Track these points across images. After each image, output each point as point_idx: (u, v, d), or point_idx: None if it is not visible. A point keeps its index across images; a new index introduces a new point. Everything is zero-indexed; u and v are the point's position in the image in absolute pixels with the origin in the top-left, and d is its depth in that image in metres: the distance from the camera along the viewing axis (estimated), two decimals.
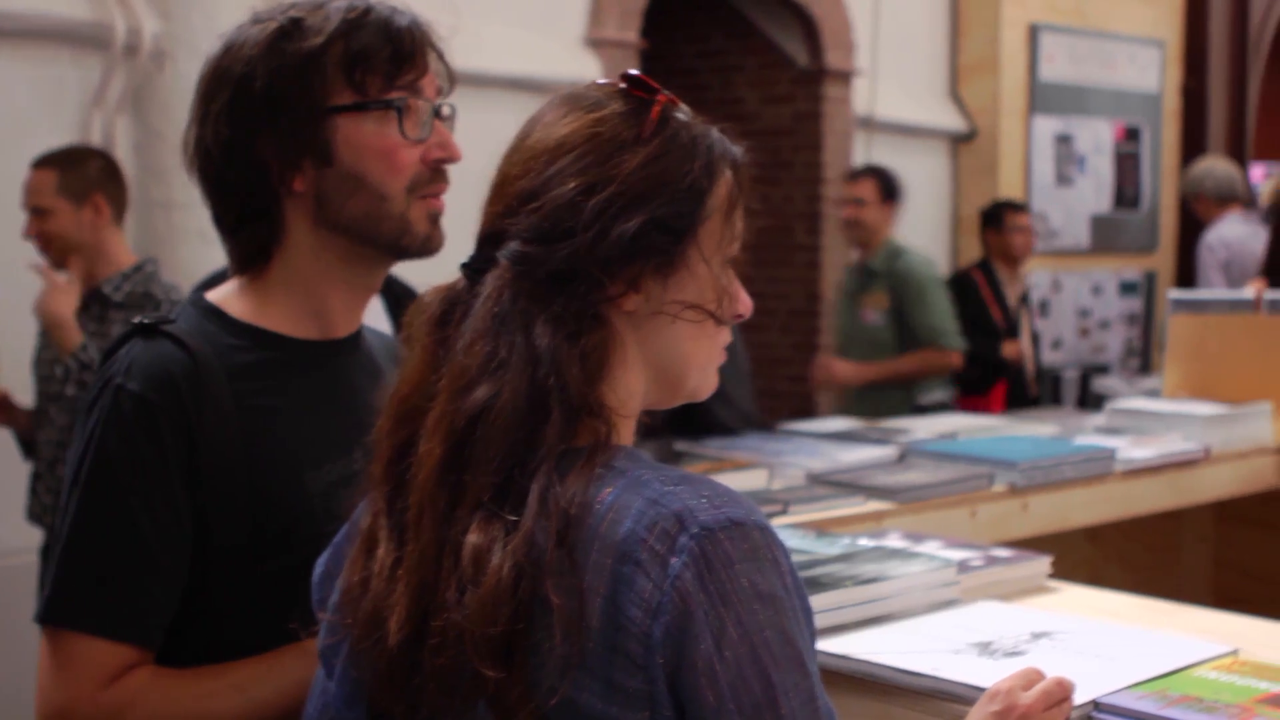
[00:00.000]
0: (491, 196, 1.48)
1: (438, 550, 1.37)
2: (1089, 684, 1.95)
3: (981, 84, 8.00)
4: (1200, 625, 2.39)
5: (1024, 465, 3.45)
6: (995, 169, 7.92)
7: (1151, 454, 3.80)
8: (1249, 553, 4.75)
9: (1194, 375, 4.47)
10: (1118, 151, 8.55)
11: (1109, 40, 8.52)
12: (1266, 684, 1.95)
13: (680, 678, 1.31)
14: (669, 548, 1.32)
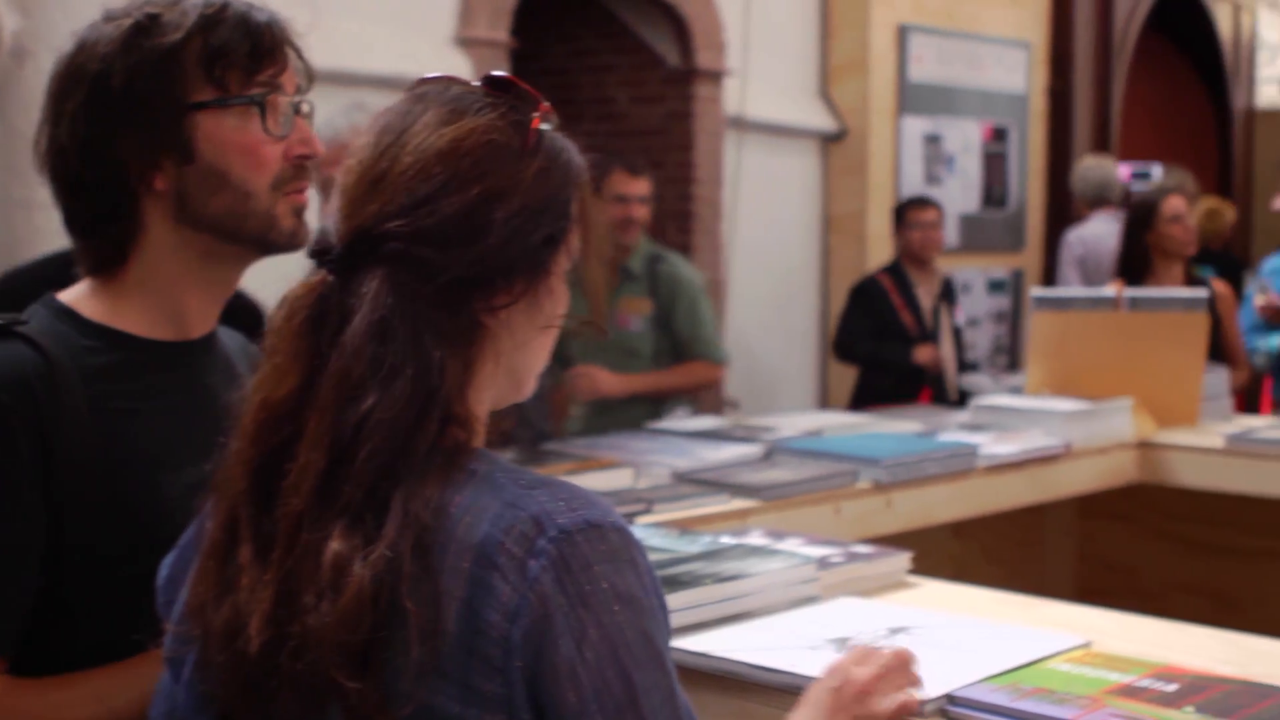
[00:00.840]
0: (363, 193, 1.44)
1: (306, 559, 1.36)
2: (944, 677, 1.97)
3: (851, 84, 8.05)
4: (1056, 618, 2.42)
5: (888, 462, 3.48)
6: (865, 169, 7.97)
7: (1014, 450, 3.85)
8: (1110, 546, 4.83)
9: (1056, 372, 4.54)
10: (985, 151, 8.64)
11: (977, 42, 8.61)
12: (1117, 675, 1.98)
13: (540, 681, 1.31)
14: (527, 551, 1.32)
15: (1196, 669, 2.03)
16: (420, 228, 1.41)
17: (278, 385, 1.41)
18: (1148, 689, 1.92)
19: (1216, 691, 1.92)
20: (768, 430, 3.93)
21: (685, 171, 7.33)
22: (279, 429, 1.40)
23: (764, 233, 7.72)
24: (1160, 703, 1.86)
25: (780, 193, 7.85)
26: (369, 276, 1.41)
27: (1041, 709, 1.85)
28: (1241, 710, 1.85)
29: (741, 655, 2.07)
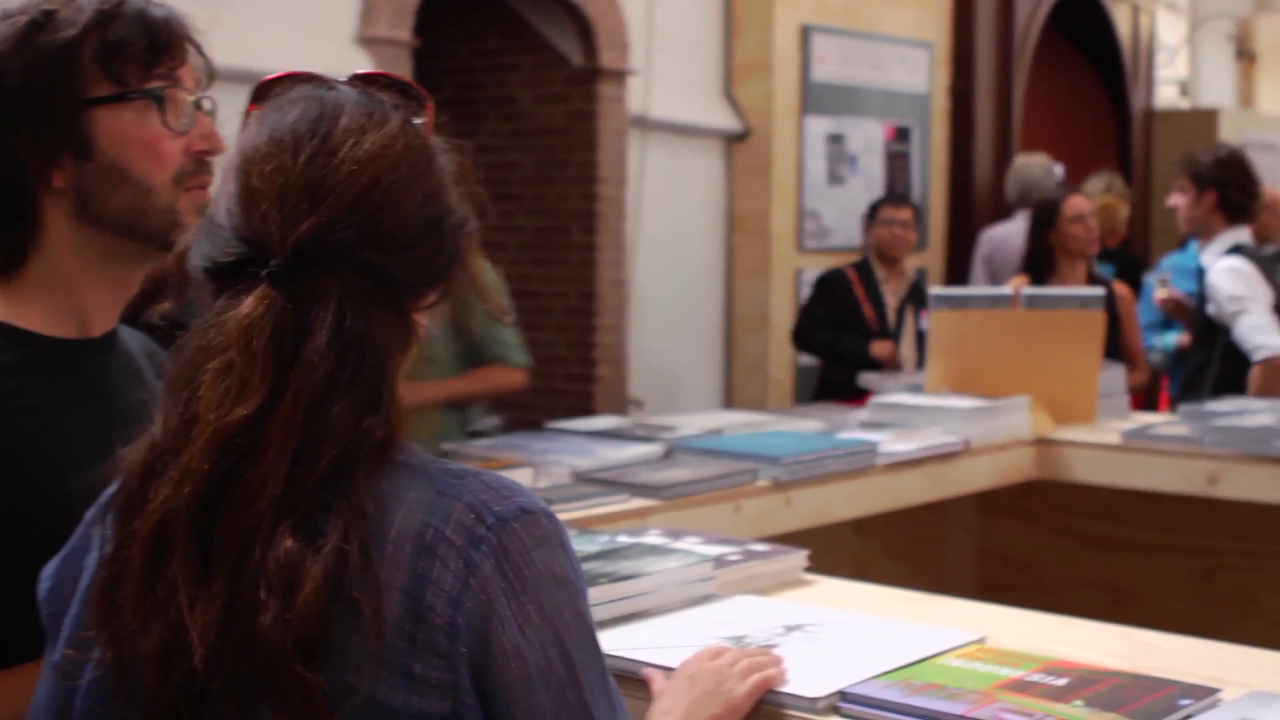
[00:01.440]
0: (299, 202, 1.41)
1: (260, 563, 1.35)
2: (837, 674, 1.98)
3: (755, 84, 8.08)
4: (951, 615, 2.44)
5: (787, 460, 3.49)
6: (769, 168, 8.00)
7: (912, 447, 3.88)
8: (1010, 542, 4.88)
9: (955, 370, 4.57)
10: (888, 151, 8.70)
11: (879, 42, 8.66)
12: (1008, 670, 2.00)
13: (485, 664, 1.35)
14: (466, 539, 1.36)
15: (1087, 663, 2.05)
16: (369, 235, 1.41)
17: (240, 403, 1.38)
18: (1038, 683, 1.94)
19: (1106, 685, 1.93)
20: (668, 429, 3.93)
21: (589, 171, 7.34)
22: (237, 444, 1.38)
23: (668, 232, 7.74)
24: (1050, 697, 1.88)
25: (684, 192, 7.87)
26: (322, 286, 1.40)
27: (932, 704, 1.86)
28: (1130, 703, 1.87)
29: (637, 654, 2.07)
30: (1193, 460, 4.11)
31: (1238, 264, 5.49)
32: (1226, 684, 1.98)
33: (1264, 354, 5.32)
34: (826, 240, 8.29)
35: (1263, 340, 5.33)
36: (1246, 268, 5.48)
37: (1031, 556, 4.85)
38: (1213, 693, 1.93)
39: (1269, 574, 4.52)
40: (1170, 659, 2.16)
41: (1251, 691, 1.95)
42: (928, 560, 4.80)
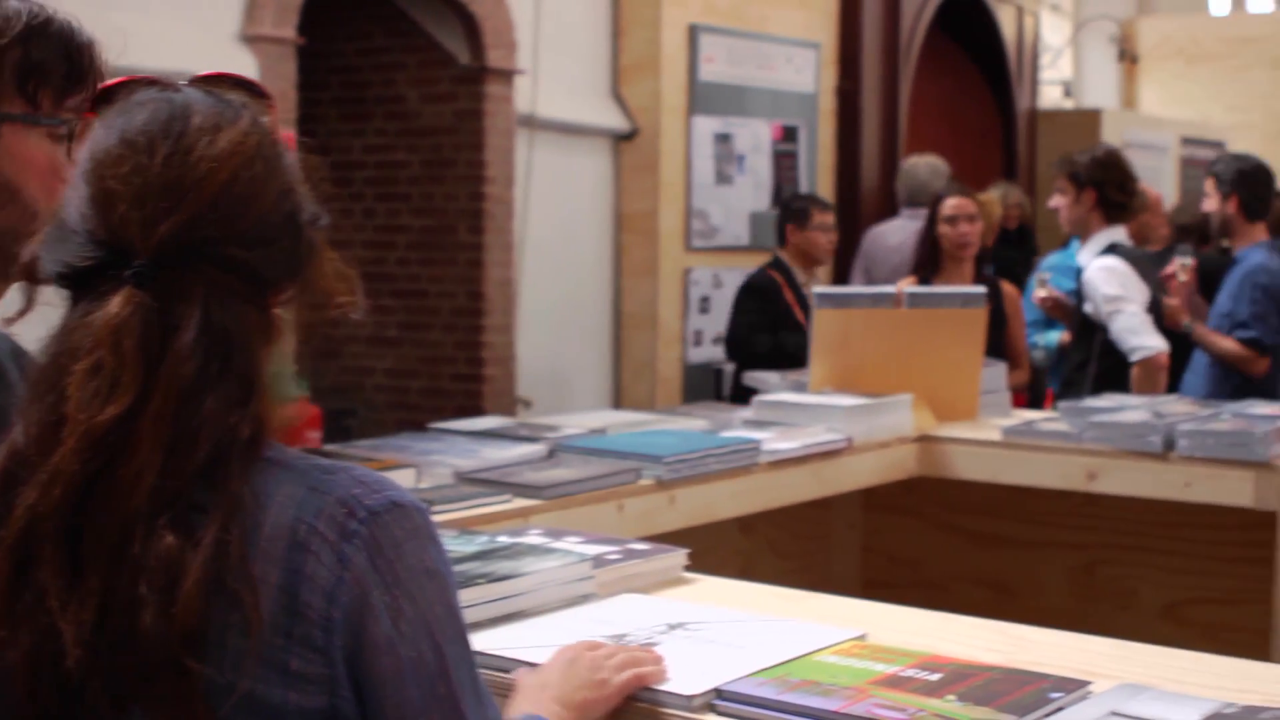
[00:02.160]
0: (157, 202, 1.40)
1: (139, 559, 1.34)
2: (714, 672, 1.99)
3: (642, 84, 8.09)
4: (832, 612, 2.46)
5: (669, 459, 3.50)
6: (656, 168, 8.02)
7: (796, 445, 3.90)
8: (894, 539, 4.92)
9: (838, 369, 4.60)
10: (775, 150, 8.74)
11: (767, 42, 8.70)
12: (883, 666, 2.02)
13: (360, 658, 1.37)
14: (339, 534, 1.38)
15: (962, 658, 2.07)
16: (230, 231, 1.41)
17: (111, 402, 1.37)
18: (912, 678, 1.96)
19: (979, 679, 1.95)
20: (552, 429, 3.93)
21: (476, 170, 7.32)
22: (109, 443, 1.37)
23: (556, 231, 7.73)
24: (923, 692, 1.90)
25: (572, 191, 7.87)
26: (186, 284, 1.40)
27: (807, 700, 1.87)
28: (1002, 697, 1.89)
29: (515, 653, 2.06)
30: (1072, 456, 4.16)
31: (1113, 263, 5.56)
32: (1097, 676, 2.01)
33: (1141, 355, 5.39)
34: (714, 239, 8.31)
35: (1139, 341, 5.41)
36: (1122, 266, 5.55)
37: (915, 553, 4.90)
38: (1083, 685, 1.96)
39: (1147, 568, 4.59)
40: (1044, 653, 2.19)
41: (1121, 683, 1.98)
42: (813, 557, 4.83)
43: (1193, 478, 4.00)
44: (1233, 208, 6.00)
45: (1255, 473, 3.91)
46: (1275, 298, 5.94)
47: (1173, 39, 16.86)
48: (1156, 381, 5.40)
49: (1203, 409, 4.42)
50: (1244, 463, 3.93)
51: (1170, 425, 4.06)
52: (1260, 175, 6.07)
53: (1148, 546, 4.58)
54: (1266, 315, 5.88)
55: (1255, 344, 5.81)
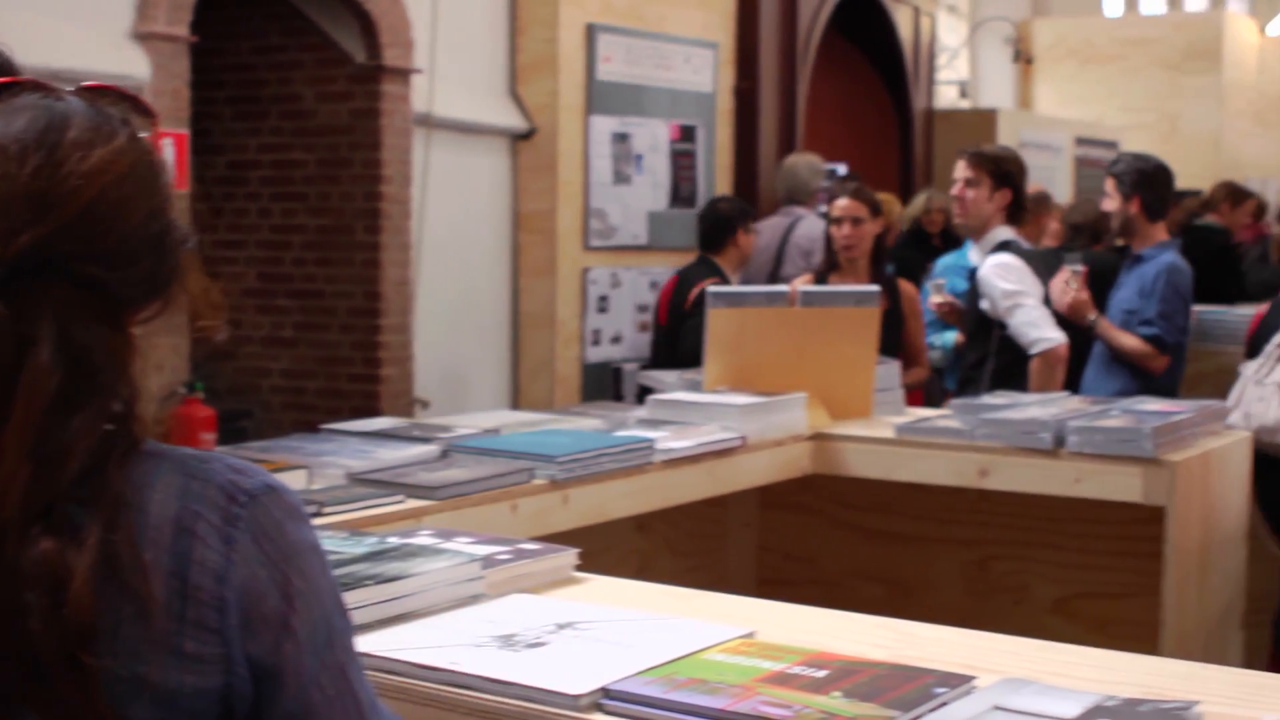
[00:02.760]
0: (20, 213, 1.37)
1: (15, 568, 1.32)
2: (602, 671, 1.99)
3: (540, 83, 8.07)
4: (722, 610, 2.47)
5: (563, 459, 3.50)
6: (554, 167, 8.00)
7: (690, 444, 3.90)
8: (789, 536, 4.94)
9: (733, 367, 4.61)
10: (673, 150, 8.75)
11: (665, 42, 8.70)
12: (770, 663, 2.02)
13: (254, 635, 1.39)
14: (223, 518, 1.40)
15: (848, 655, 2.08)
16: (91, 250, 1.39)
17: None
18: (799, 675, 1.97)
19: (864, 675, 1.97)
20: (445, 430, 3.91)
21: (373, 170, 7.28)
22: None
23: (454, 231, 7.71)
24: (809, 688, 1.91)
25: (470, 191, 7.84)
26: (38, 297, 1.37)
27: (693, 699, 1.87)
28: (886, 693, 1.90)
29: (402, 654, 2.06)
30: (964, 453, 4.20)
31: (1007, 259, 5.62)
32: (982, 671, 2.03)
33: (1041, 347, 5.45)
34: (612, 239, 8.31)
35: (1039, 334, 5.47)
36: (1016, 262, 5.61)
37: (811, 550, 4.92)
38: (967, 680, 1.97)
39: (1039, 563, 4.64)
40: (931, 648, 2.20)
41: (1005, 678, 2.00)
42: (710, 555, 4.85)
43: (1083, 474, 4.05)
44: (1135, 208, 6.07)
45: (1143, 468, 3.96)
46: (1185, 297, 6.04)
47: (1067, 40, 17.06)
48: (1055, 374, 5.46)
49: (1093, 406, 4.47)
50: (1132, 458, 3.97)
51: (1061, 422, 4.10)
52: (1161, 176, 6.15)
53: (1040, 542, 4.63)
54: (1173, 314, 5.97)
55: (1157, 341, 5.89)
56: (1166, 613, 4.00)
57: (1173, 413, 4.21)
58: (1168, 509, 3.96)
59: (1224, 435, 4.44)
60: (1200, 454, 4.13)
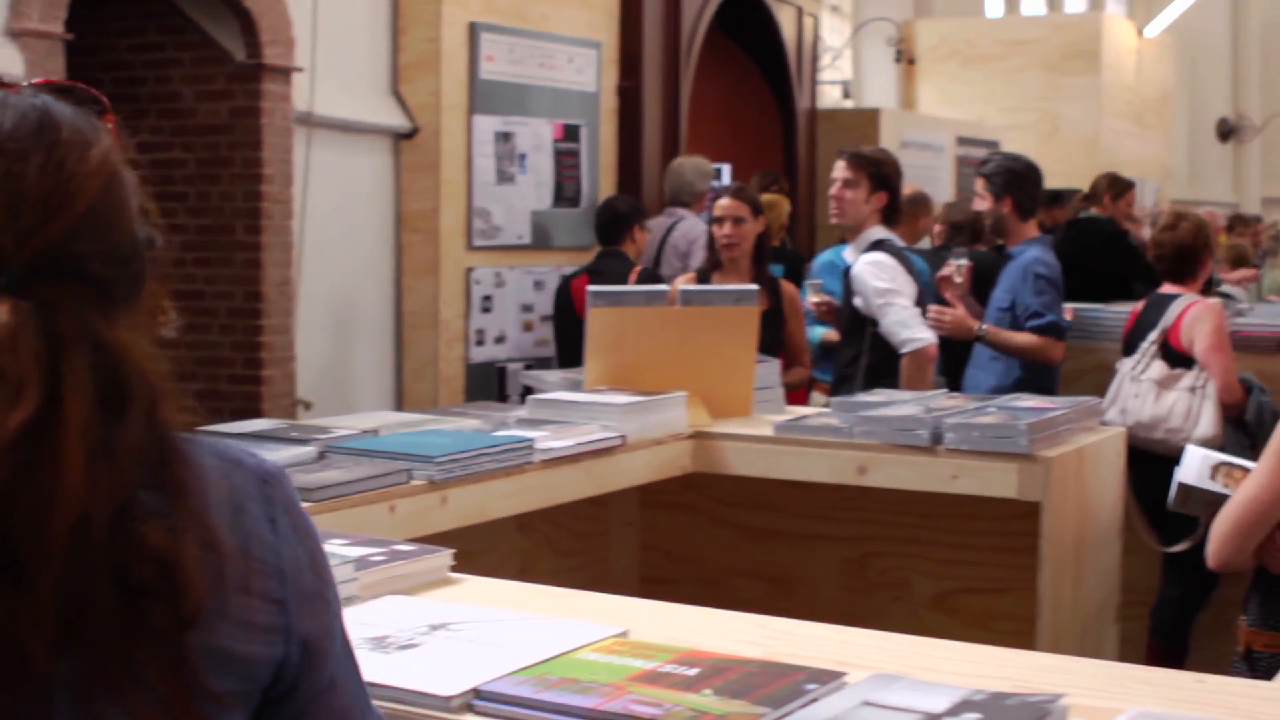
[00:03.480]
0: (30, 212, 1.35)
1: (113, 550, 1.33)
2: (473, 672, 1.98)
3: (422, 82, 8.04)
4: (598, 610, 2.47)
5: (441, 459, 3.48)
6: (437, 167, 7.97)
7: (569, 444, 3.90)
8: (671, 535, 4.95)
9: (613, 367, 4.61)
10: (557, 150, 8.74)
11: (548, 41, 8.70)
12: (642, 662, 2.03)
13: (303, 610, 1.45)
14: (261, 495, 1.46)
15: (721, 653, 2.09)
16: (100, 249, 1.38)
17: (16, 409, 1.31)
18: (670, 674, 1.97)
19: (736, 673, 1.98)
20: (323, 431, 3.88)
21: (253, 169, 7.22)
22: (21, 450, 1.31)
23: (336, 231, 7.66)
24: (680, 687, 1.91)
25: (352, 191, 7.80)
26: (55, 297, 1.35)
27: (564, 699, 1.88)
28: (757, 690, 1.91)
29: None
30: (842, 451, 4.22)
31: (881, 258, 5.69)
32: (853, 667, 2.05)
33: (911, 347, 5.51)
34: (496, 238, 8.30)
35: (909, 334, 5.53)
36: (889, 261, 5.68)
37: (693, 548, 4.94)
38: (838, 676, 1.99)
39: (919, 559, 4.68)
40: (804, 645, 2.22)
41: (875, 673, 2.01)
42: (592, 555, 4.85)
43: (960, 470, 4.09)
44: (1006, 208, 6.15)
45: (1019, 464, 4.01)
46: (1057, 287, 6.14)
47: (949, 40, 17.22)
48: (925, 373, 5.52)
49: (969, 403, 4.52)
50: (1008, 455, 4.02)
51: (938, 419, 4.14)
52: (1031, 175, 6.24)
53: (918, 538, 4.67)
54: (1054, 303, 6.07)
55: (1053, 329, 5.99)
56: (1042, 607, 4.04)
57: (1048, 409, 4.26)
58: (1043, 504, 4.01)
59: (1098, 431, 4.50)
60: (1075, 450, 4.18)
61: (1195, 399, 5.66)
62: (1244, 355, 6.14)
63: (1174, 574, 5.72)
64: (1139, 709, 1.92)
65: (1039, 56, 16.99)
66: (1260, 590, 3.56)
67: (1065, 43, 17.09)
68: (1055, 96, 16.86)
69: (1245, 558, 3.50)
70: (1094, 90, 16.92)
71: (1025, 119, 16.56)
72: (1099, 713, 1.93)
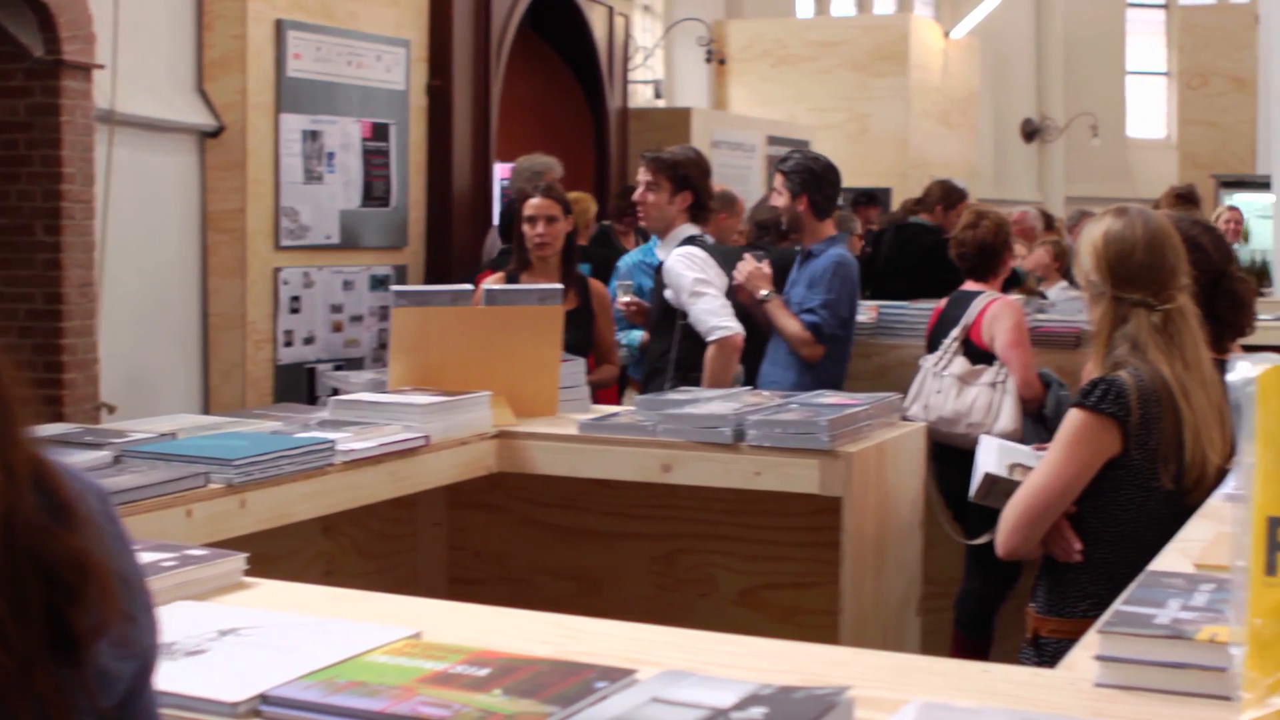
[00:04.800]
0: None
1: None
2: (262, 677, 1.96)
3: (228, 80, 7.93)
4: (391, 611, 2.46)
5: (239, 462, 3.44)
6: (244, 165, 7.87)
7: (371, 445, 3.87)
8: (479, 536, 4.94)
9: (418, 367, 4.59)
10: (366, 149, 8.67)
11: (356, 39, 8.63)
12: (433, 663, 2.02)
13: (144, 622, 1.44)
14: (107, 511, 1.44)
15: (513, 652, 2.09)
16: None
17: None
18: (461, 675, 1.97)
19: (526, 672, 1.98)
20: (120, 435, 3.81)
21: (53, 168, 7.06)
22: None
23: (139, 231, 7.53)
24: (470, 687, 1.91)
25: (156, 190, 7.67)
26: None
27: (351, 702, 1.86)
28: (547, 689, 1.91)
29: None
30: (647, 449, 4.24)
31: (693, 250, 5.75)
32: (644, 664, 2.06)
33: (718, 335, 5.59)
34: (304, 239, 8.22)
35: (717, 322, 5.61)
36: (701, 254, 5.74)
37: (501, 548, 4.93)
38: (629, 674, 2.00)
39: (725, 555, 4.72)
40: (597, 643, 2.23)
41: (665, 670, 2.02)
42: (399, 557, 4.82)
43: (762, 466, 4.13)
44: (802, 206, 6.23)
45: (820, 460, 4.05)
46: (852, 291, 6.23)
47: (760, 41, 17.39)
48: (730, 362, 5.59)
49: (772, 400, 4.56)
50: (810, 451, 4.06)
51: (741, 416, 4.18)
52: (829, 176, 6.32)
53: (724, 535, 4.71)
54: (836, 305, 6.13)
55: (815, 330, 6.07)
56: (844, 600, 4.09)
57: (849, 406, 4.32)
58: (844, 499, 4.06)
59: (899, 427, 4.57)
60: (875, 445, 4.24)
61: (996, 394, 5.78)
62: (1043, 351, 6.29)
63: (977, 566, 5.84)
64: (923, 699, 1.95)
65: (848, 57, 17.23)
66: (1047, 578, 3.65)
67: (874, 44, 17.35)
68: (864, 97, 17.11)
69: (1033, 546, 3.59)
70: (902, 91, 17.20)
71: (835, 119, 16.78)
72: (885, 704, 1.96)
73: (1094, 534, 3.53)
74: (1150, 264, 3.55)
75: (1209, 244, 3.93)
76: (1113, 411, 3.44)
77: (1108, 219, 3.64)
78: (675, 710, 1.87)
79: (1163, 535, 2.98)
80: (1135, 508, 3.48)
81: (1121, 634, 2.11)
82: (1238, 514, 1.71)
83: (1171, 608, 2.24)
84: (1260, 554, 1.70)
